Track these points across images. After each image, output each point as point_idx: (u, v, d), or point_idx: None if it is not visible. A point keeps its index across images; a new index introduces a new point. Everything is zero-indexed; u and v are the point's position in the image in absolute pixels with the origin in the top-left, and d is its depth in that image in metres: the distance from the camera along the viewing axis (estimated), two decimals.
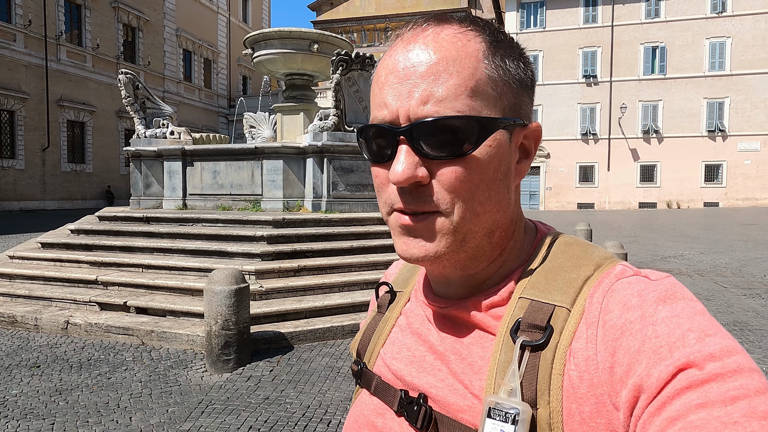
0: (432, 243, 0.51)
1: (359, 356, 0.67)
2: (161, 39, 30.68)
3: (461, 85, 0.49)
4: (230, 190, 7.96)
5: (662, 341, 0.42)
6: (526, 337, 0.49)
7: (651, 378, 0.40)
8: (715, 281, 7.94)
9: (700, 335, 0.41)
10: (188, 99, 33.02)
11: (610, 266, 0.52)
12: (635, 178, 29.16)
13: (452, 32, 0.51)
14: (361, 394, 0.64)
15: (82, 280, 5.90)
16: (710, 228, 17.29)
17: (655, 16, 28.48)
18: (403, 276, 0.70)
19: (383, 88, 0.51)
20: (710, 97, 27.96)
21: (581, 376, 0.45)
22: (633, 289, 0.47)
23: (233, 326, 4.18)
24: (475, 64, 0.50)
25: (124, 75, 8.39)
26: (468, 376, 0.53)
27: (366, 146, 0.54)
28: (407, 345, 0.61)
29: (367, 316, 0.72)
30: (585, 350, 0.46)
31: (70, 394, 3.78)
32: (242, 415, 3.42)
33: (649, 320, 0.44)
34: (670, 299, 0.45)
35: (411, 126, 0.49)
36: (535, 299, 0.51)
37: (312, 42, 9.07)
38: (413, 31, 0.52)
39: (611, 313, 0.46)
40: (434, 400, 0.54)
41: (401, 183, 0.49)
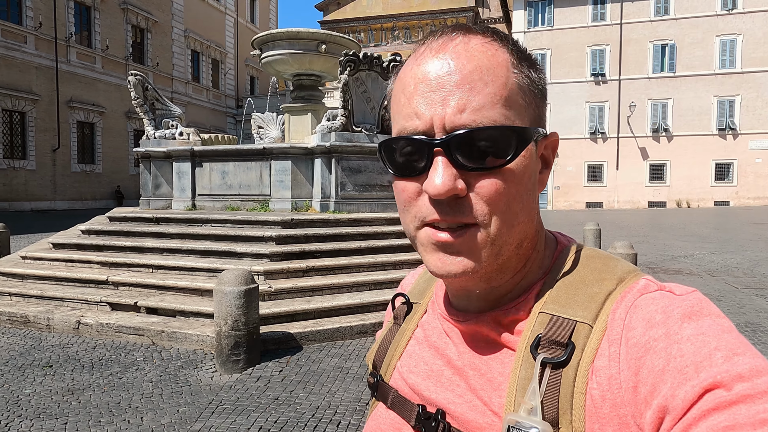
0: (470, 258, 0.50)
1: (375, 368, 0.66)
2: (170, 40, 30.88)
3: (496, 94, 0.48)
4: (239, 190, 7.99)
5: (688, 360, 0.40)
6: (547, 353, 0.48)
7: (676, 399, 0.39)
8: (726, 281, 7.87)
9: (727, 354, 0.40)
10: (196, 99, 33.21)
11: (634, 280, 0.51)
12: (644, 177, 28.95)
13: (480, 42, 0.51)
14: (378, 407, 0.63)
15: (93, 280, 5.95)
16: (721, 227, 17.13)
17: (665, 13, 28.25)
18: (419, 287, 0.69)
19: (413, 97, 0.50)
20: (721, 95, 27.69)
21: (604, 395, 0.44)
22: (657, 305, 0.46)
23: (243, 327, 4.20)
24: (506, 73, 0.50)
25: (133, 77, 8.45)
26: (487, 392, 0.52)
27: (391, 160, 0.52)
28: (424, 359, 0.60)
29: (383, 328, 0.71)
30: (608, 368, 0.45)
31: (82, 393, 3.81)
32: (252, 416, 3.43)
33: (674, 338, 0.42)
34: (696, 315, 0.44)
35: (449, 137, 0.47)
36: (556, 314, 0.50)
37: (320, 42, 9.09)
38: (441, 40, 0.51)
39: (635, 330, 0.45)
40: (452, 417, 0.54)
41: (441, 195, 0.47)
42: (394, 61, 7.72)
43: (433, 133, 0.48)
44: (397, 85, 0.54)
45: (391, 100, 0.55)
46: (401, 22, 37.51)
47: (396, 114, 0.53)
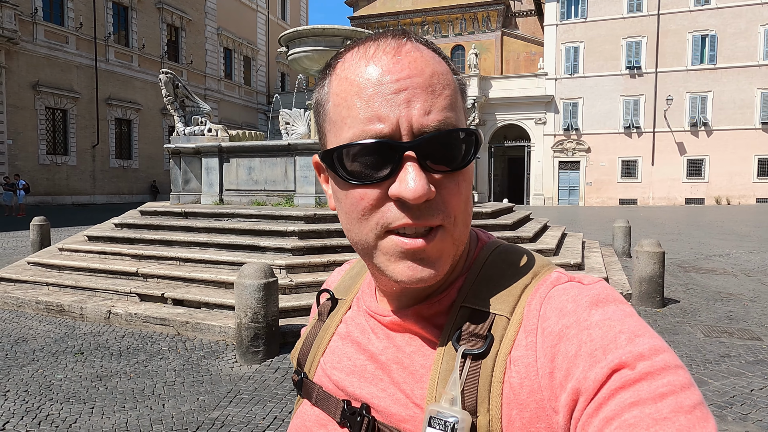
0: (440, 263, 0.50)
1: (300, 365, 0.66)
2: (203, 38, 31.55)
3: (452, 97, 0.50)
4: (264, 185, 8.14)
5: (597, 344, 0.43)
6: (468, 345, 0.49)
7: (588, 380, 0.42)
8: (762, 282, 7.57)
9: (630, 336, 0.43)
10: (228, 96, 33.85)
11: (546, 273, 0.53)
12: (681, 173, 28.02)
13: (425, 48, 0.52)
14: (303, 405, 0.63)
15: (124, 272, 6.18)
16: (762, 225, 16.45)
17: (705, 3, 27.20)
18: (345, 283, 0.70)
19: (372, 100, 0.48)
20: (765, 88, 26.51)
21: (522, 382, 0.47)
22: (568, 295, 0.49)
23: (262, 319, 4.30)
24: (452, 79, 0.52)
25: (164, 75, 8.69)
26: (410, 385, 0.53)
27: (344, 167, 0.50)
28: (347, 354, 0.60)
29: (308, 324, 0.71)
30: (525, 357, 0.47)
31: (109, 380, 3.99)
32: (268, 406, 3.52)
33: (584, 324, 0.45)
34: (602, 302, 0.47)
35: (420, 140, 0.47)
36: (477, 308, 0.52)
37: (345, 39, 9.14)
38: (392, 44, 0.50)
39: (549, 320, 0.48)
40: (377, 410, 0.54)
41: (419, 199, 0.46)
42: None
43: (399, 135, 0.47)
44: (343, 87, 0.50)
45: (331, 104, 0.51)
46: (431, 17, 37.24)
47: (347, 118, 0.49)
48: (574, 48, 29.10)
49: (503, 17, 35.97)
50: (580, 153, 29.22)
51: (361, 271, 0.70)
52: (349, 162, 0.49)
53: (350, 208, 0.51)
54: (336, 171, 0.50)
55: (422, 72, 0.49)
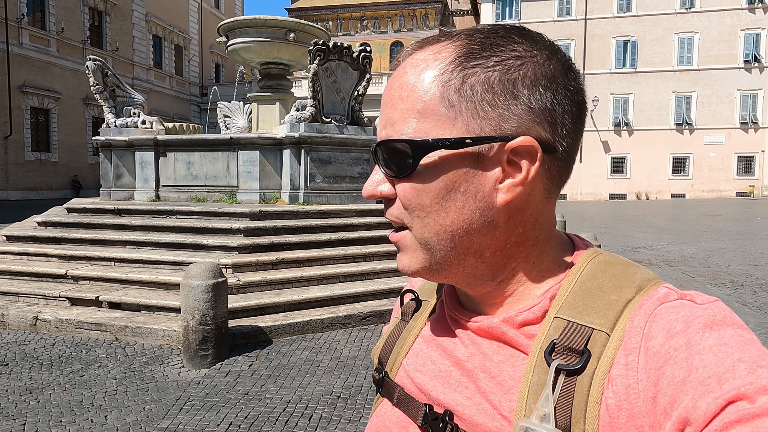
0: (407, 257, 0.54)
1: (381, 364, 0.65)
2: (130, 24, 29.75)
3: (409, 109, 0.51)
4: (205, 181, 7.80)
5: (710, 371, 0.40)
6: (562, 360, 0.47)
7: (698, 410, 0.38)
8: (683, 271, 8.20)
9: (751, 366, 0.39)
10: (159, 86, 32.19)
11: (653, 288, 0.50)
12: (606, 170, 29.81)
13: (422, 55, 0.52)
14: (382, 404, 0.63)
15: (51, 274, 5.71)
16: (677, 219, 17.82)
17: (627, 10, 29.01)
18: (429, 285, 0.68)
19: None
20: (678, 91, 28.72)
21: (620, 404, 0.44)
22: (678, 315, 0.45)
23: (211, 321, 4.11)
24: (427, 86, 0.50)
25: (92, 62, 8.10)
26: (497, 396, 0.51)
27: None
28: (432, 358, 0.59)
29: (389, 323, 0.70)
30: (625, 378, 0.44)
31: (41, 392, 3.67)
32: (221, 412, 3.38)
33: (696, 348, 0.41)
34: (718, 326, 0.43)
35: (374, 147, 0.53)
36: (572, 320, 0.49)
37: (288, 31, 8.91)
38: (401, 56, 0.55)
39: (654, 339, 0.44)
40: (461, 418, 0.53)
41: (365, 196, 0.54)
42: (364, 52, 7.65)
43: None
44: None
45: None
46: (370, 12, 37.22)
47: None
48: None
49: (441, 15, 36.60)
50: None
51: None
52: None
53: None
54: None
55: (391, 86, 0.53)
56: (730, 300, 6.28)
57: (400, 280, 5.91)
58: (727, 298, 6.40)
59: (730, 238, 12.40)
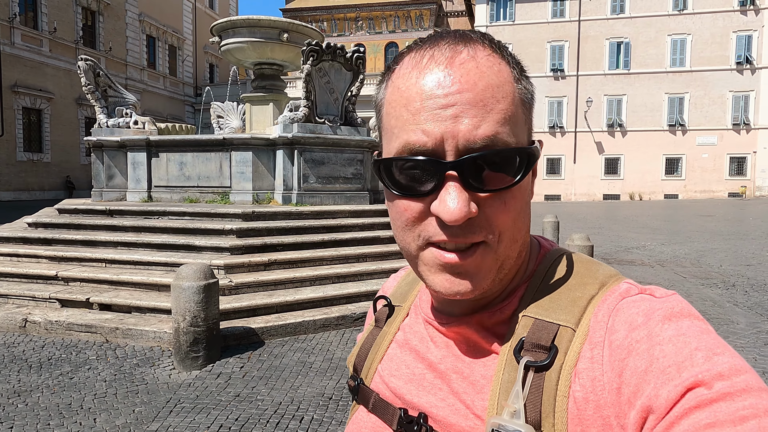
0: (478, 278, 0.50)
1: (356, 371, 0.66)
2: (123, 24, 29.59)
3: (506, 111, 0.48)
4: (197, 182, 7.76)
5: (670, 361, 0.41)
6: (530, 357, 0.48)
7: (659, 398, 0.40)
8: (675, 272, 8.23)
9: (708, 354, 0.41)
10: (152, 87, 32.03)
11: (615, 284, 0.51)
12: (600, 171, 29.93)
13: (485, 55, 0.49)
14: (358, 411, 0.63)
15: (41, 276, 5.66)
16: (670, 219, 17.91)
17: (620, 12, 29.14)
18: (401, 290, 0.69)
19: (419, 114, 0.47)
20: (671, 93, 28.88)
21: (587, 397, 0.45)
22: (638, 308, 0.47)
23: (202, 323, 4.09)
24: (512, 89, 0.49)
25: (83, 62, 8.04)
26: (470, 395, 0.52)
27: (391, 177, 0.50)
28: (406, 362, 0.59)
29: (364, 330, 0.70)
30: (591, 371, 0.46)
31: (29, 395, 3.63)
32: (212, 414, 3.35)
33: (656, 339, 0.43)
34: (676, 317, 0.45)
35: (464, 160, 0.46)
36: (540, 318, 0.50)
37: (282, 31, 8.90)
38: (446, 51, 0.49)
39: (617, 333, 0.46)
40: (435, 420, 0.53)
41: (457, 222, 0.46)
42: (357, 52, 7.64)
43: (443, 151, 0.47)
44: (395, 97, 0.50)
45: (384, 112, 0.52)
46: (365, 13, 37.21)
47: (395, 128, 0.50)
48: None
49: (435, 16, 36.63)
50: None
51: (417, 278, 0.67)
52: (396, 174, 0.50)
53: (395, 216, 0.52)
54: (383, 180, 0.51)
55: (474, 86, 0.47)
56: (721, 300, 6.31)
57: None
58: (719, 298, 6.43)
59: (722, 238, 12.47)
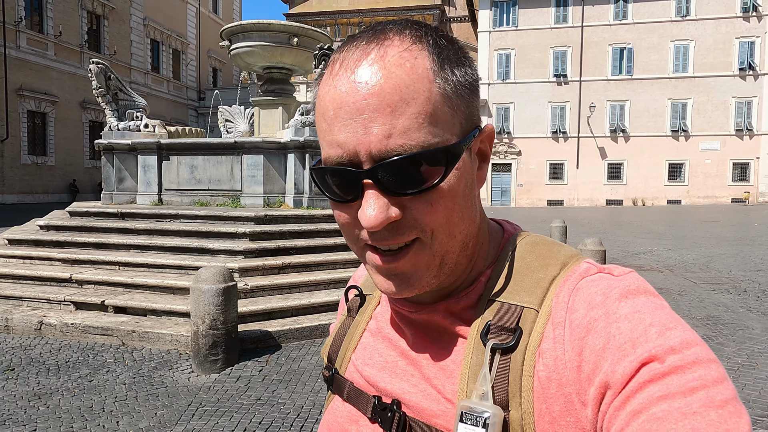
0: (415, 277, 0.50)
1: (330, 361, 0.66)
2: (128, 28, 29.72)
3: (420, 113, 0.45)
4: (208, 185, 7.77)
5: (625, 337, 0.42)
6: (496, 339, 0.49)
7: (616, 374, 0.41)
8: (685, 277, 8.22)
9: (661, 329, 0.42)
10: (156, 90, 32.11)
11: (575, 264, 0.52)
12: (603, 176, 29.93)
13: (397, 52, 0.46)
14: (334, 401, 0.63)
15: (54, 278, 5.66)
16: (674, 225, 17.90)
17: (623, 18, 29.23)
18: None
19: (333, 124, 0.47)
20: (674, 98, 28.92)
21: (550, 376, 0.46)
22: (597, 287, 0.48)
23: (221, 326, 4.08)
24: (428, 86, 0.46)
25: (95, 65, 8.08)
26: (441, 380, 0.53)
27: (324, 185, 0.51)
28: (378, 350, 0.60)
29: (337, 320, 0.70)
30: (553, 350, 0.46)
31: (50, 398, 3.62)
32: (235, 417, 3.34)
33: (613, 317, 0.44)
34: (632, 294, 0.46)
35: (376, 167, 0.45)
36: (505, 301, 0.51)
37: (292, 35, 8.93)
38: (355, 54, 0.47)
39: (577, 312, 0.47)
40: (408, 406, 0.54)
41: (376, 228, 0.46)
42: None
43: (359, 161, 0.46)
44: (317, 105, 0.50)
45: (315, 118, 0.52)
46: (368, 18, 37.34)
47: (320, 138, 0.50)
48: (506, 55, 30.28)
49: (438, 22, 36.77)
50: (511, 156, 30.43)
51: None
52: (324, 180, 0.50)
53: (337, 221, 0.53)
54: (319, 188, 0.52)
55: (381, 90, 0.45)
56: (734, 305, 6.30)
57: None
58: (732, 303, 6.42)
59: (728, 243, 12.46)
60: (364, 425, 0.57)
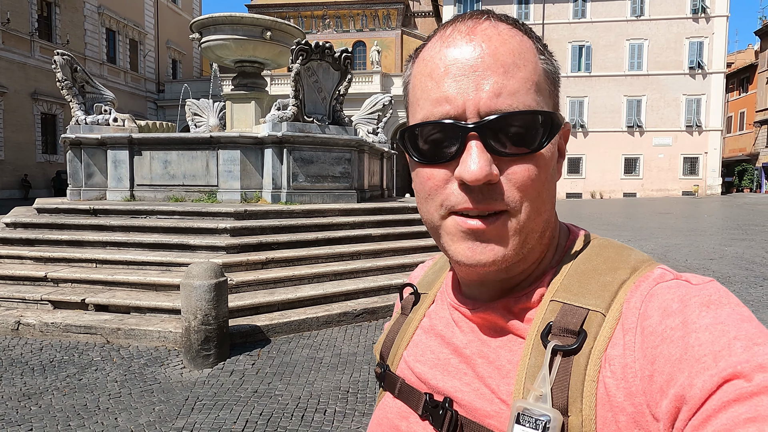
0: (501, 246, 0.49)
1: (382, 358, 0.65)
2: (81, 16, 28.44)
3: (529, 78, 0.48)
4: (183, 180, 7.66)
5: (706, 349, 0.39)
6: (558, 341, 0.47)
7: (694, 389, 0.38)
8: None
9: (747, 344, 0.38)
10: (113, 82, 30.85)
11: (648, 269, 0.50)
12: (563, 170, 30.86)
13: (506, 27, 0.50)
14: (385, 397, 0.63)
15: (28, 277, 5.50)
16: (632, 217, 18.73)
17: (582, 16, 30.17)
18: (428, 278, 0.69)
19: (443, 80, 0.48)
20: (630, 95, 30.12)
21: (618, 384, 0.44)
22: (674, 294, 0.45)
23: (213, 321, 4.10)
24: (534, 58, 0.49)
25: (60, 56, 7.79)
26: (495, 380, 0.51)
27: (415, 146, 0.50)
28: (431, 347, 0.59)
29: (391, 319, 0.70)
30: (622, 357, 0.44)
31: (40, 398, 3.57)
32: (235, 410, 3.39)
33: (692, 327, 0.41)
34: (714, 305, 0.42)
35: (485, 121, 0.46)
36: (568, 302, 0.49)
37: (265, 29, 8.87)
38: (469, 23, 0.50)
39: (650, 318, 0.44)
40: (460, 405, 0.53)
41: (479, 181, 0.46)
42: (346, 52, 7.71)
43: (465, 117, 0.47)
44: (420, 68, 0.51)
45: (411, 85, 0.53)
46: (332, 11, 37.08)
47: (420, 98, 0.51)
48: None
49: (403, 16, 36.88)
50: None
51: (444, 266, 0.68)
52: (419, 142, 0.50)
53: (419, 187, 0.52)
54: (407, 150, 0.52)
55: (496, 51, 0.47)
56: None
57: (389, 278, 6.03)
58: None
59: (683, 234, 13.17)
60: (415, 422, 0.56)
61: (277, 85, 26.52)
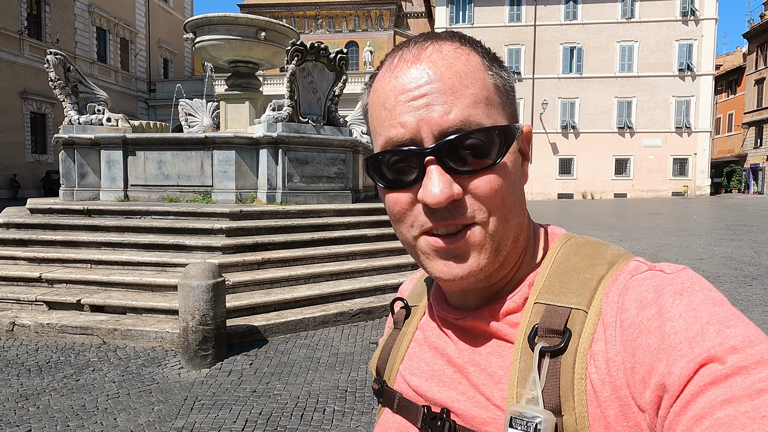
0: (475, 258, 0.50)
1: (379, 374, 0.66)
2: (71, 14, 28.20)
3: (478, 95, 0.49)
4: (177, 180, 7.64)
5: (681, 337, 0.40)
6: (545, 342, 0.48)
7: (673, 376, 0.39)
8: None
9: (719, 327, 0.40)
10: (103, 81, 30.58)
11: (624, 263, 0.51)
12: (555, 171, 31.11)
13: (452, 48, 0.51)
14: (384, 413, 0.63)
15: (22, 278, 5.47)
16: (622, 217, 18.91)
17: (573, 18, 30.38)
18: (417, 290, 0.70)
19: (395, 108, 0.50)
20: (620, 96, 30.39)
21: (603, 379, 0.44)
22: (648, 285, 0.46)
23: (211, 321, 4.11)
24: (482, 74, 0.51)
25: (53, 55, 7.74)
26: (489, 387, 0.52)
27: (379, 173, 0.52)
28: (425, 360, 0.60)
29: (384, 334, 0.71)
30: (605, 352, 0.45)
31: (38, 398, 3.56)
32: (234, 409, 3.41)
33: (667, 316, 0.42)
34: (687, 292, 0.44)
35: (440, 144, 0.48)
36: (551, 303, 0.50)
37: (259, 29, 8.87)
38: (414, 50, 0.52)
39: (628, 311, 0.45)
40: (457, 414, 0.54)
41: (441, 204, 0.48)
42: (341, 53, 7.74)
43: (421, 140, 0.49)
44: (374, 99, 0.54)
45: (369, 115, 0.55)
46: (324, 11, 37.07)
47: (377, 127, 0.53)
48: None
49: (395, 17, 36.95)
50: None
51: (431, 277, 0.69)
52: (383, 168, 0.52)
53: (389, 211, 0.54)
54: (373, 177, 0.54)
55: (442, 75, 0.49)
56: None
57: (384, 278, 6.06)
58: None
59: (673, 234, 13.33)
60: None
61: (271, 85, 26.45)
